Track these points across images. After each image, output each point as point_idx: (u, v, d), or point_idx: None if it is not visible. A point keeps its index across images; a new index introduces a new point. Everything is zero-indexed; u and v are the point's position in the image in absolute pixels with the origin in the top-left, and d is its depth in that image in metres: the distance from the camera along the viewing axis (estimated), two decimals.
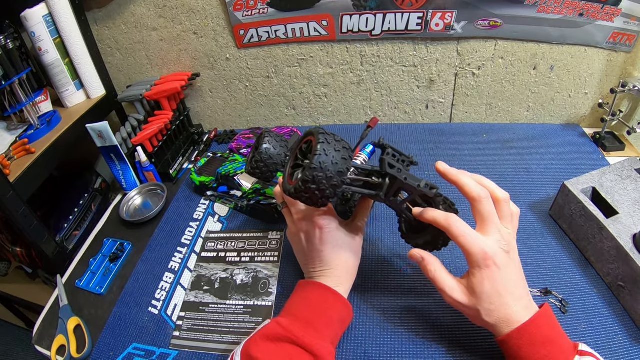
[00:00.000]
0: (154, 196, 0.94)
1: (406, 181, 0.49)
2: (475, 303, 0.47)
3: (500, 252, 0.46)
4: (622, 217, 0.63)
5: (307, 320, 0.51)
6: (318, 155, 0.43)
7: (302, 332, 0.49)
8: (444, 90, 0.98)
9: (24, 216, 0.76)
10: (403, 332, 0.60)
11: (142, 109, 1.00)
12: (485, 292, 0.46)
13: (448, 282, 0.49)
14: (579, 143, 0.93)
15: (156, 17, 0.96)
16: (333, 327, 0.53)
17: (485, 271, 0.46)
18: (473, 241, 0.46)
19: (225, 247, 0.79)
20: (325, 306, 0.54)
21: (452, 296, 0.48)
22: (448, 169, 0.50)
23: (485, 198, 0.47)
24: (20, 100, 0.86)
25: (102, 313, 0.71)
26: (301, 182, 0.44)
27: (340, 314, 0.54)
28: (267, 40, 0.95)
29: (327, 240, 0.57)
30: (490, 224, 0.47)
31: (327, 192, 0.45)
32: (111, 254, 0.81)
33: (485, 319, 0.47)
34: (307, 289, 0.56)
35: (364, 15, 0.88)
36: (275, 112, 1.10)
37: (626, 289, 0.59)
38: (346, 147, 0.46)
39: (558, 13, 0.82)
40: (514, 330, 0.45)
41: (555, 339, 0.46)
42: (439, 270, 0.50)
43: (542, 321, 0.46)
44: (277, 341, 0.49)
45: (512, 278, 0.47)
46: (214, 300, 0.69)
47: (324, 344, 0.50)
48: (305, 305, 0.54)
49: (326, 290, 0.54)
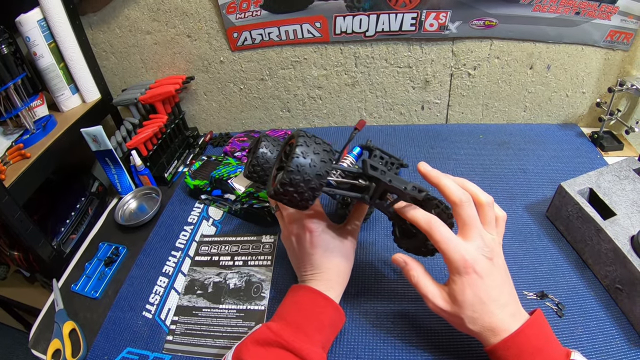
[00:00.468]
0: (149, 200, 0.94)
1: (390, 183, 0.48)
2: (458, 311, 0.46)
3: (481, 259, 0.45)
4: (620, 218, 0.62)
5: (298, 325, 0.51)
6: (295, 158, 0.43)
7: (292, 336, 0.49)
8: (440, 90, 0.98)
9: (20, 221, 0.77)
10: (395, 337, 0.59)
11: (137, 113, 1.00)
12: (467, 299, 0.45)
13: (430, 288, 0.48)
14: (577, 143, 0.92)
15: (150, 21, 0.96)
16: (324, 332, 0.53)
17: (465, 278, 0.45)
18: (454, 247, 0.45)
19: (219, 251, 0.78)
20: (316, 310, 0.53)
21: (434, 302, 0.48)
22: (429, 170, 0.48)
23: (466, 202, 0.46)
24: (16, 105, 0.86)
25: (97, 317, 0.71)
26: (279, 185, 0.44)
27: (331, 318, 0.54)
28: (260, 42, 0.95)
29: (318, 243, 0.56)
30: (471, 228, 0.46)
31: (306, 195, 0.44)
32: (106, 258, 0.82)
33: (469, 326, 0.46)
34: (298, 293, 0.56)
35: (357, 17, 0.87)
36: (270, 115, 1.10)
37: (624, 291, 0.58)
38: (327, 149, 0.45)
39: (554, 12, 0.82)
40: (501, 342, 0.44)
41: (545, 348, 0.44)
42: (422, 275, 0.49)
43: (531, 330, 0.45)
44: (268, 346, 0.49)
45: (496, 285, 0.46)
46: (207, 304, 0.69)
47: (314, 348, 0.49)
48: (295, 310, 0.54)
49: (317, 294, 0.54)
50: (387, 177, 0.48)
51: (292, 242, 0.59)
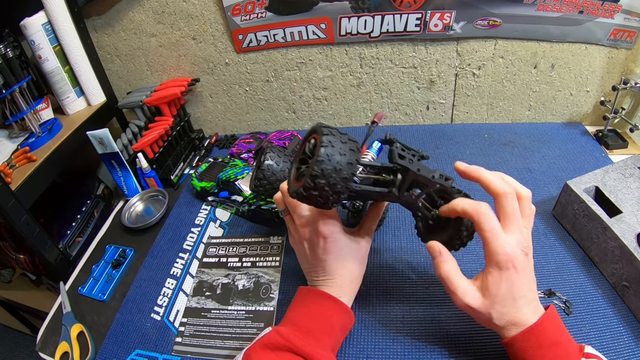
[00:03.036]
0: (155, 202, 0.94)
1: (419, 172, 0.46)
2: (488, 306, 0.45)
3: (520, 255, 0.45)
4: (626, 216, 0.62)
5: (308, 330, 0.51)
6: (325, 147, 0.40)
7: (302, 341, 0.49)
8: (445, 90, 0.98)
9: (26, 224, 0.77)
10: (405, 338, 0.59)
11: (143, 115, 1.00)
12: (501, 294, 0.45)
13: (461, 284, 0.47)
14: (582, 141, 0.92)
15: (155, 23, 0.96)
16: (334, 335, 0.52)
17: (504, 273, 0.44)
18: (501, 239, 0.44)
19: (227, 253, 0.78)
20: (326, 314, 0.53)
21: (464, 300, 0.46)
22: (468, 166, 0.48)
23: (510, 194, 0.45)
24: (21, 108, 0.87)
25: (105, 319, 0.71)
26: (309, 179, 0.41)
27: (341, 321, 0.54)
28: (265, 44, 0.95)
29: (331, 249, 0.54)
30: (513, 221, 0.45)
31: (338, 187, 0.41)
32: (113, 260, 0.82)
33: (495, 322, 0.46)
34: (308, 296, 0.55)
35: (362, 17, 0.88)
36: (275, 116, 1.10)
37: (631, 288, 0.58)
38: (352, 139, 0.44)
39: (557, 11, 0.82)
40: (520, 333, 0.45)
41: (561, 341, 0.45)
42: (454, 270, 0.48)
43: (549, 324, 0.45)
44: (277, 350, 0.49)
45: (527, 281, 0.46)
46: (215, 305, 0.69)
47: (324, 352, 0.49)
48: (305, 314, 0.53)
49: (327, 298, 0.53)
50: (415, 165, 0.47)
51: (304, 247, 0.57)
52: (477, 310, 0.46)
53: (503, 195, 0.45)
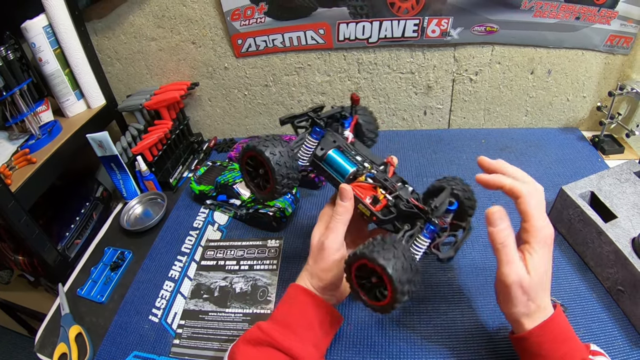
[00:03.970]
0: (154, 205, 0.95)
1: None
2: (529, 286, 0.44)
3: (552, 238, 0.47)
4: (621, 221, 0.63)
5: (286, 324, 0.52)
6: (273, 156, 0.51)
7: (281, 335, 0.50)
8: (442, 96, 0.99)
9: (25, 225, 0.77)
10: (401, 339, 0.60)
11: (142, 119, 1.01)
12: (541, 272, 0.45)
13: (516, 256, 0.45)
14: (578, 146, 0.93)
15: (155, 27, 0.97)
16: (314, 331, 0.53)
17: (546, 250, 0.46)
18: (542, 216, 0.46)
19: (225, 256, 0.79)
20: (305, 310, 0.53)
21: (516, 271, 0.44)
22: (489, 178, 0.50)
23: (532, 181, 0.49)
24: (22, 110, 0.87)
25: (103, 321, 0.72)
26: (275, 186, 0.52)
27: (320, 318, 0.53)
28: (264, 49, 0.96)
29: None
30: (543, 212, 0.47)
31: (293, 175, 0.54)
32: (112, 262, 0.82)
33: (530, 304, 0.45)
34: (290, 291, 0.56)
35: (360, 23, 0.88)
36: (274, 120, 1.11)
37: (625, 293, 0.58)
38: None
39: (554, 17, 0.83)
40: (537, 327, 0.45)
41: (572, 337, 0.46)
42: (511, 238, 0.45)
43: (560, 319, 0.46)
44: (258, 345, 0.50)
45: (550, 268, 0.47)
46: (213, 308, 0.70)
47: (304, 346, 0.50)
48: (286, 309, 0.54)
49: (306, 293, 0.54)
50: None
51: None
52: (522, 286, 0.44)
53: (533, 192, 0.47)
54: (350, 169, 0.56)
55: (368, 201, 0.53)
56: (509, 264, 0.44)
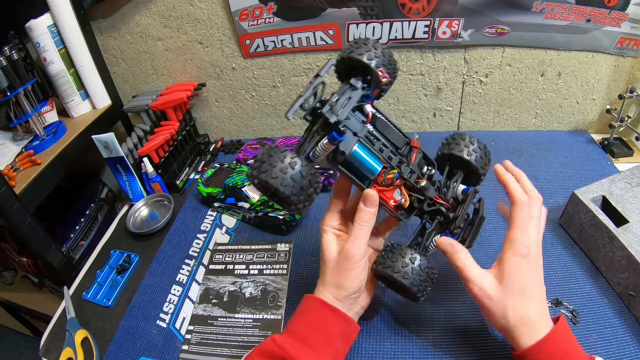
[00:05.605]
0: (160, 207, 0.94)
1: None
2: (502, 295, 0.47)
3: (535, 248, 0.49)
4: (633, 225, 0.62)
5: (303, 338, 0.50)
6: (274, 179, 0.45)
7: (296, 350, 0.48)
8: (452, 98, 0.98)
9: (30, 227, 0.76)
10: (414, 342, 0.59)
11: (148, 119, 1.00)
12: (513, 279, 0.47)
13: (476, 271, 0.49)
14: (587, 149, 0.92)
15: (161, 27, 0.96)
16: (333, 344, 0.51)
17: (522, 260, 0.48)
18: (526, 230, 0.49)
19: (234, 260, 0.78)
20: (324, 322, 0.52)
21: (480, 285, 0.48)
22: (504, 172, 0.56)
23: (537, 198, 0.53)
24: (26, 110, 0.86)
25: (110, 326, 0.71)
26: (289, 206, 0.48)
27: (340, 330, 0.52)
28: (273, 49, 0.95)
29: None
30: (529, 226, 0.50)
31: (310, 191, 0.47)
32: (118, 265, 0.81)
33: (509, 316, 0.46)
34: (307, 304, 0.54)
35: (370, 24, 0.88)
36: (282, 122, 1.10)
37: (637, 298, 0.58)
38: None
39: (565, 19, 0.82)
40: (534, 345, 0.45)
41: (573, 353, 0.45)
42: (469, 259, 0.50)
43: (560, 335, 0.45)
44: (272, 359, 0.49)
45: (536, 280, 0.48)
46: (222, 313, 0.69)
47: None
48: (302, 322, 0.53)
49: (324, 306, 0.52)
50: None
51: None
52: (492, 299, 0.47)
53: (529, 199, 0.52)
54: (377, 168, 0.52)
55: (392, 204, 0.53)
56: (471, 282, 0.49)
